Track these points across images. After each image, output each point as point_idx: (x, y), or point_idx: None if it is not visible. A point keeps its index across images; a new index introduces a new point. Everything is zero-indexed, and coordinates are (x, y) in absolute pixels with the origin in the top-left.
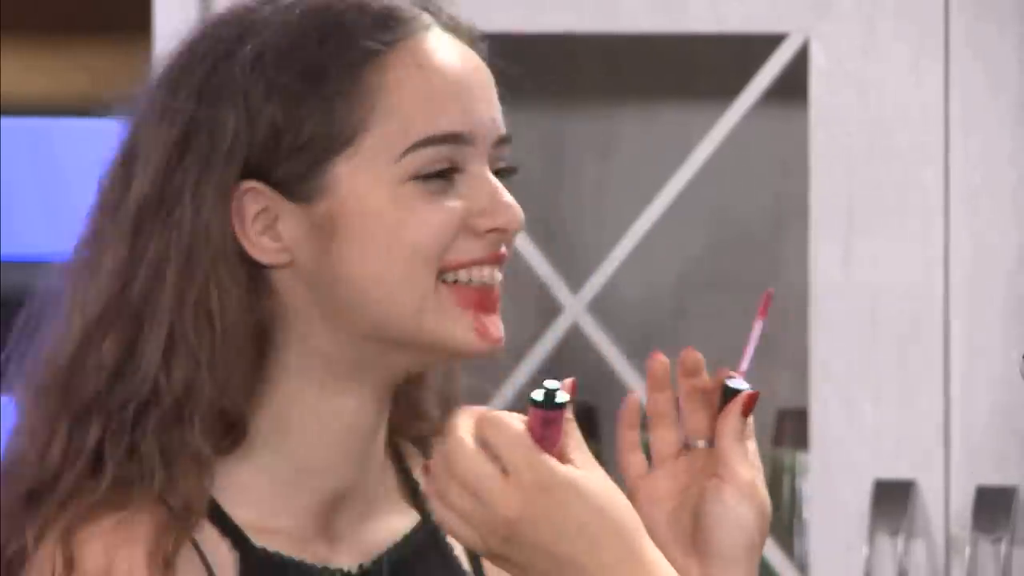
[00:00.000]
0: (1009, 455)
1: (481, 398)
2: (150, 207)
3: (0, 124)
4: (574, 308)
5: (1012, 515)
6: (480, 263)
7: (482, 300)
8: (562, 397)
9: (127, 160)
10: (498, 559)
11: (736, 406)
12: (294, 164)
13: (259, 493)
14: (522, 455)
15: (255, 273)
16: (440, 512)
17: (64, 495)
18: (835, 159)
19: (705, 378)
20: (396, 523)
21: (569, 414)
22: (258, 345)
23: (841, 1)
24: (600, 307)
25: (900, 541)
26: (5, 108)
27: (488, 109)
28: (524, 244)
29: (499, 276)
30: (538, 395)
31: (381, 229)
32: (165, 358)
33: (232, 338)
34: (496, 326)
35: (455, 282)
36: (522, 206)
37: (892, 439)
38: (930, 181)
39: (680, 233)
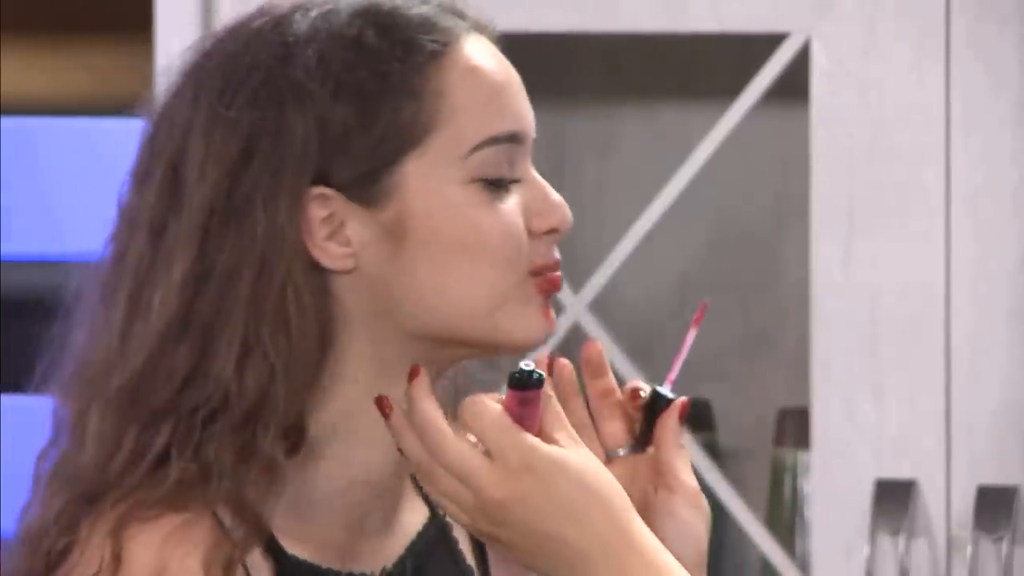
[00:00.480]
0: (1010, 455)
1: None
2: (218, 216)
3: (0, 124)
4: (575, 308)
5: (1013, 515)
6: (553, 269)
7: (555, 289)
8: (538, 375)
9: (172, 169)
10: (490, 539)
11: (673, 414)
12: (363, 166)
13: (295, 498)
14: (504, 437)
15: (319, 279)
16: (433, 495)
17: (122, 494)
18: (836, 159)
19: (611, 380)
20: (411, 519)
21: (549, 390)
22: (322, 348)
23: (842, 1)
24: (601, 307)
25: (901, 541)
26: (5, 108)
27: (529, 107)
28: None
29: None
30: (515, 376)
31: (455, 230)
32: (239, 366)
33: (305, 344)
34: (552, 312)
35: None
36: None
37: (893, 439)
38: (931, 181)
39: (681, 233)
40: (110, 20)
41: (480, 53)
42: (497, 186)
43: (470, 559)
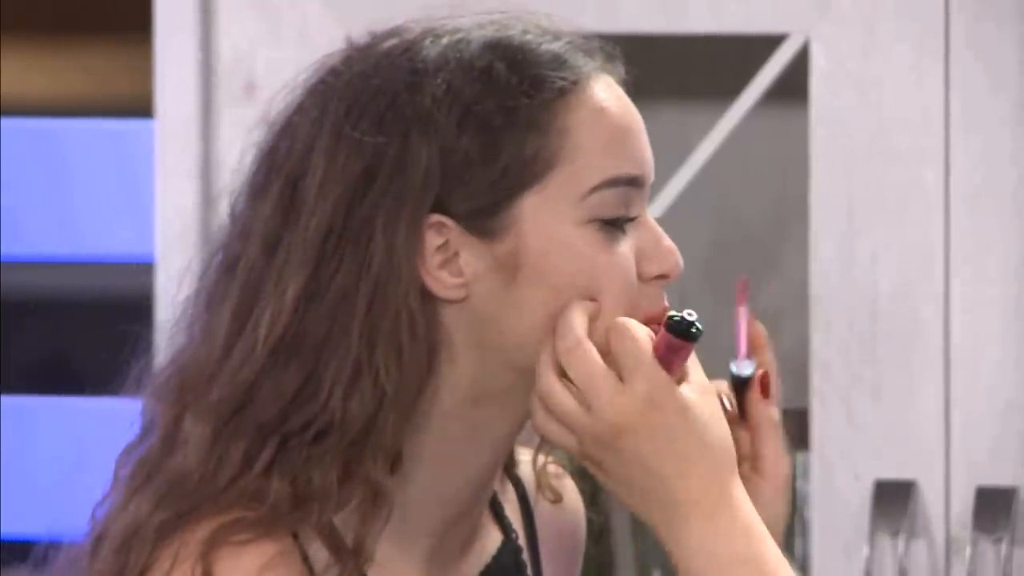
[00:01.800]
0: (1009, 455)
1: None
2: (335, 236)
3: (0, 124)
4: None
5: (1012, 515)
6: (660, 318)
7: None
8: (697, 329)
9: (291, 185)
10: (592, 464)
11: (756, 389)
12: (483, 198)
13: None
14: (641, 364)
15: (431, 306)
16: (540, 417)
17: (219, 509)
18: (835, 159)
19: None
20: (487, 544)
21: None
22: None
23: (841, 1)
24: None
25: (901, 541)
26: (5, 108)
27: (650, 153)
28: None
29: None
30: (673, 320)
31: (570, 269)
32: (349, 389)
33: (415, 371)
34: None
35: None
36: None
37: (892, 439)
38: (930, 181)
39: (681, 233)
40: (109, 20)
41: (607, 94)
42: (613, 228)
43: None
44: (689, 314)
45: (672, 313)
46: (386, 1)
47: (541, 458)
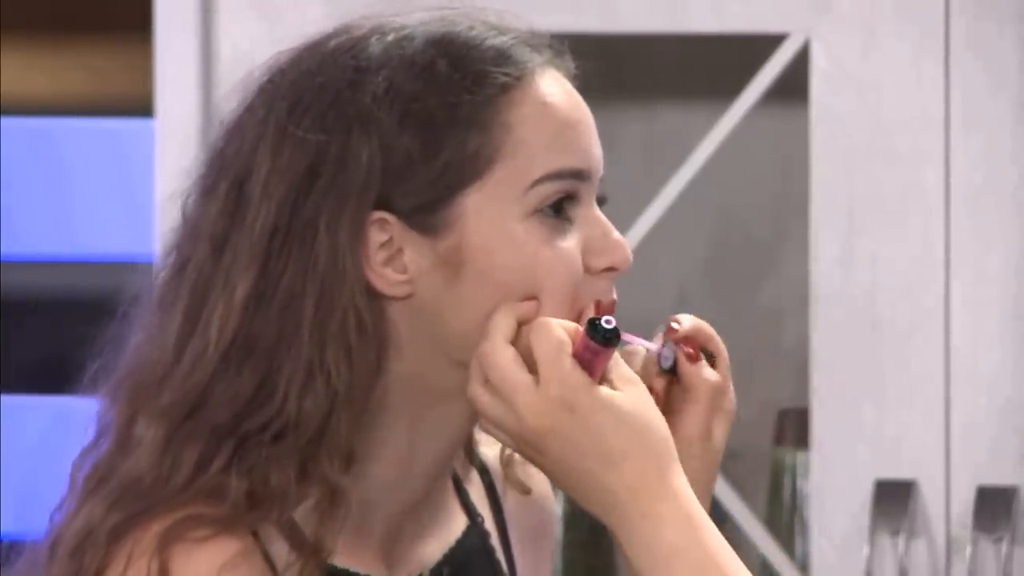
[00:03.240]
0: (1010, 455)
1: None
2: (280, 235)
3: (0, 124)
4: None
5: (1013, 515)
6: (608, 310)
7: None
8: (613, 336)
9: (237, 184)
10: (534, 464)
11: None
12: (424, 196)
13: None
14: (555, 366)
15: (377, 303)
16: (478, 412)
17: (171, 508)
18: (835, 159)
19: None
20: (449, 529)
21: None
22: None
23: (842, 2)
24: None
25: (901, 541)
26: (5, 108)
27: (598, 147)
28: None
29: None
30: (593, 324)
31: (512, 264)
32: (303, 390)
33: (365, 369)
34: None
35: None
36: None
37: (893, 439)
38: (930, 181)
39: (681, 233)
40: (109, 20)
41: (552, 88)
42: (558, 221)
43: (506, 568)
44: (607, 321)
45: (592, 317)
46: (385, 1)
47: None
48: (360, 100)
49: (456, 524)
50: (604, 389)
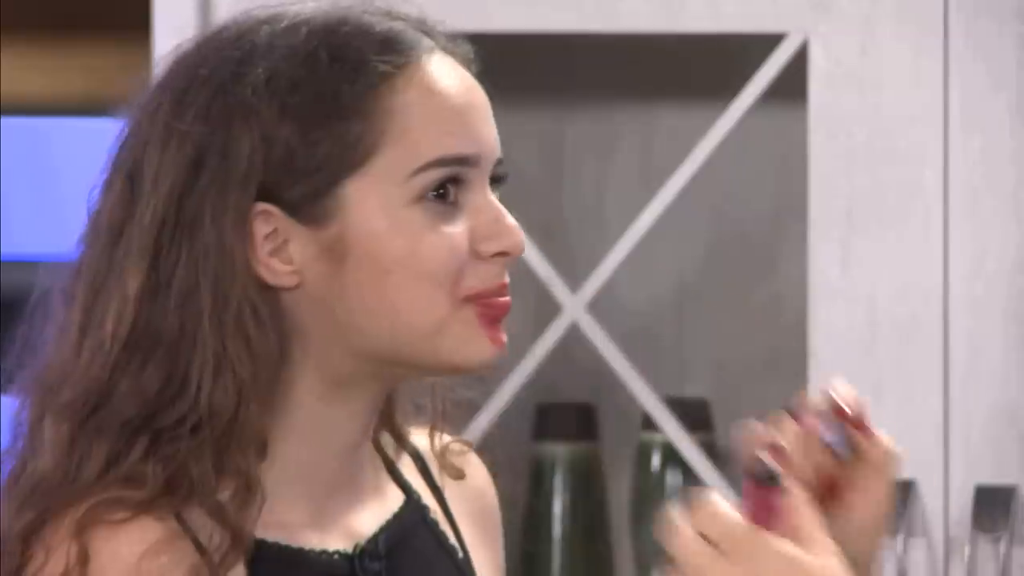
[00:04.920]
0: (1009, 455)
1: (479, 395)
2: (170, 229)
3: (0, 124)
4: (574, 308)
5: (1011, 514)
6: (495, 294)
7: (501, 313)
8: (774, 474)
9: (130, 178)
10: None
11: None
12: (306, 186)
13: (264, 482)
14: (740, 537)
15: (271, 294)
16: None
17: (90, 496)
18: (834, 159)
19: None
20: (385, 504)
21: (790, 485)
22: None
23: (840, 1)
24: (600, 307)
25: (900, 540)
26: (5, 108)
27: (490, 131)
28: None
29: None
30: (753, 471)
31: (392, 253)
32: (212, 383)
33: (268, 359)
34: (503, 333)
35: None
36: (522, 206)
37: (892, 439)
38: (930, 181)
39: (680, 233)
40: (109, 20)
41: (441, 74)
42: (444, 207)
43: (452, 539)
44: (760, 462)
45: (749, 461)
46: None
47: (440, 438)
48: (241, 91)
49: (392, 500)
50: (792, 547)
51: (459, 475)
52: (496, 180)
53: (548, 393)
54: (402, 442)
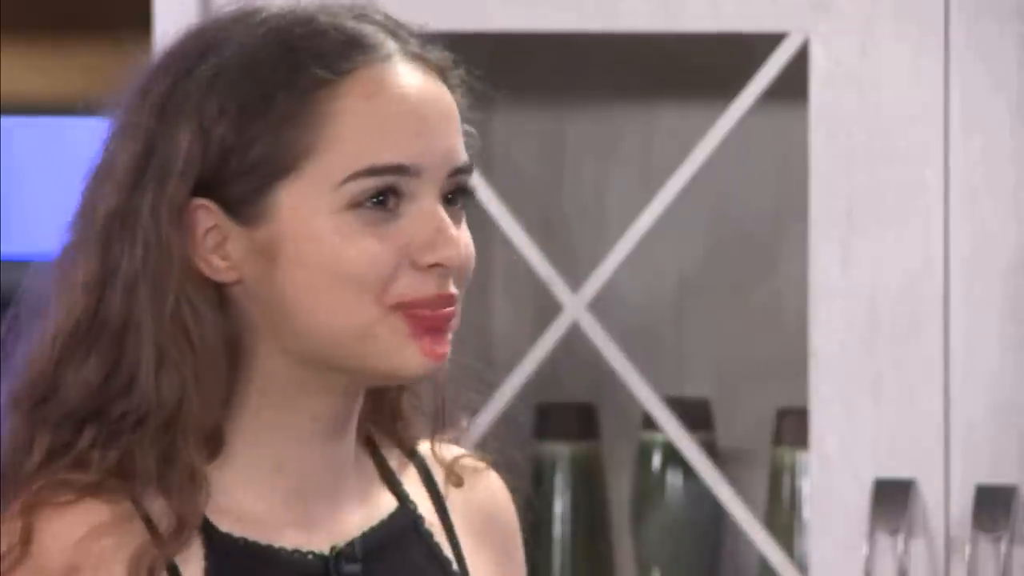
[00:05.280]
0: (1009, 454)
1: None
2: (115, 222)
3: (0, 124)
4: (574, 307)
5: (1012, 514)
6: (425, 304)
7: (436, 323)
8: None
9: (100, 171)
10: None
11: None
12: (240, 186)
13: (227, 486)
14: None
15: (219, 288)
16: None
17: (36, 480)
18: (835, 159)
19: None
20: (373, 509)
21: None
22: (230, 356)
23: (841, 1)
24: (600, 306)
25: (900, 540)
26: (5, 107)
27: (441, 141)
28: (524, 244)
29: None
30: None
31: (318, 258)
32: (156, 376)
33: (210, 353)
34: (443, 344)
35: (404, 304)
36: (522, 206)
37: (892, 438)
38: (930, 181)
39: (680, 233)
40: (110, 20)
41: (389, 82)
42: (379, 215)
43: (448, 551)
44: None
45: None
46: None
47: (447, 449)
48: (189, 87)
49: (382, 507)
50: None
51: (458, 482)
52: (460, 191)
53: (549, 393)
54: (405, 449)
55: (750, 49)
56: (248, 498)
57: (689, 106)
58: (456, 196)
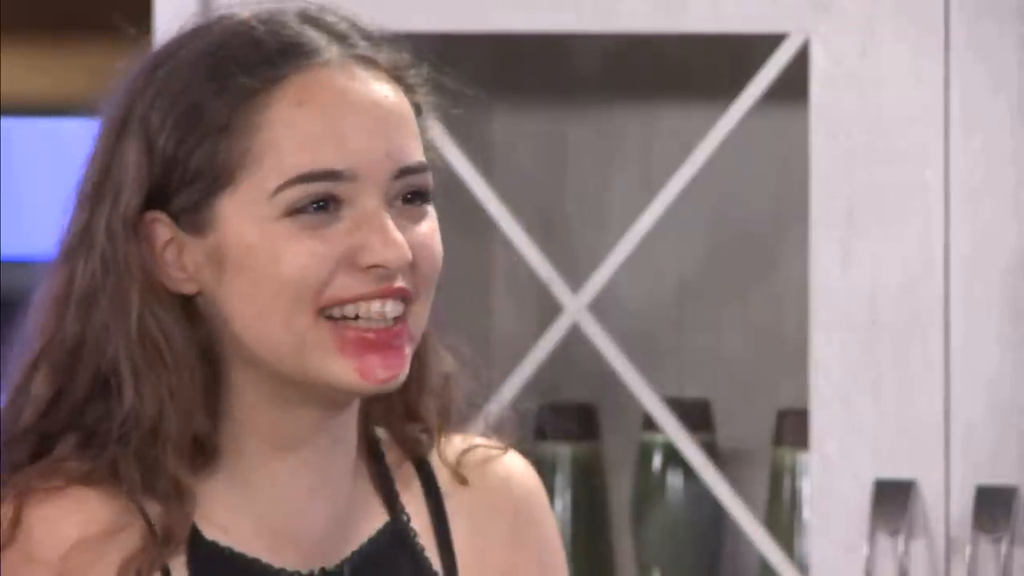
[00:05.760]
0: (1009, 455)
1: (479, 398)
2: (77, 241)
3: (0, 124)
4: (574, 308)
5: (1012, 515)
6: (363, 299)
7: (366, 339)
8: None
9: (75, 192)
10: None
11: None
12: (185, 197)
13: (215, 495)
14: None
15: (188, 300)
16: None
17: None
18: (835, 159)
19: None
20: (364, 525)
21: None
22: (210, 366)
23: (841, 1)
24: (600, 307)
25: (900, 541)
26: (5, 108)
27: (381, 143)
28: (524, 244)
29: (395, 311)
30: None
31: (256, 265)
32: (135, 390)
33: (183, 365)
34: (385, 364)
35: (342, 318)
36: (522, 206)
37: (892, 439)
38: (930, 181)
39: (680, 233)
40: (109, 21)
41: (322, 87)
42: (318, 219)
43: (437, 564)
44: None
45: None
46: (383, 2)
47: (454, 444)
48: (138, 104)
49: (373, 521)
50: None
51: (463, 481)
52: (416, 193)
53: (549, 393)
54: (412, 455)
55: (750, 50)
56: (235, 509)
57: (689, 107)
58: (414, 196)
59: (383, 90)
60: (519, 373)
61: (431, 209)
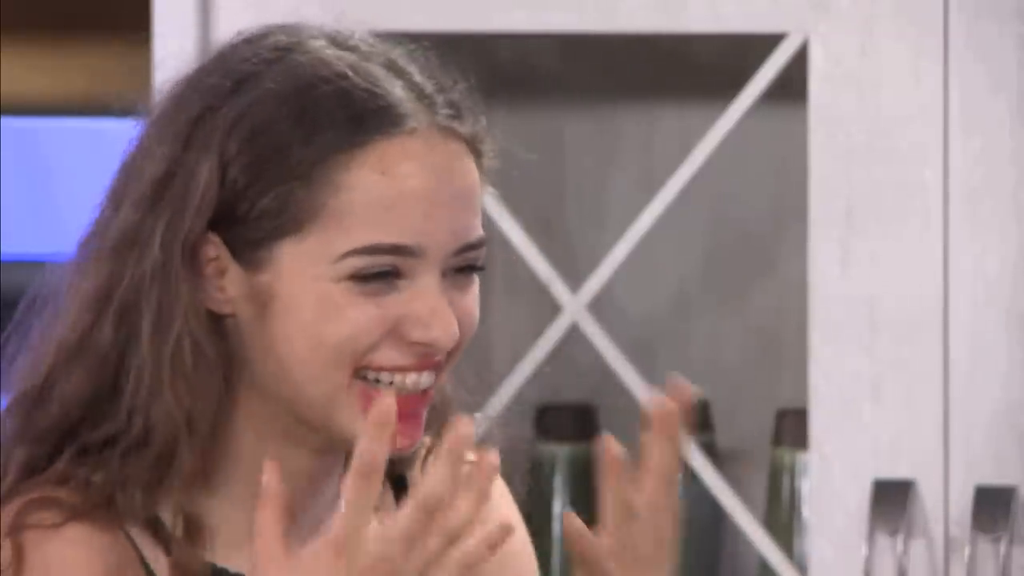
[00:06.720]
0: (1009, 455)
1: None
2: (126, 244)
3: (0, 124)
4: (574, 308)
5: (1011, 515)
6: (402, 370)
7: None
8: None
9: (119, 185)
10: None
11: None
12: (247, 231)
13: (210, 511)
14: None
15: (215, 321)
16: None
17: (23, 493)
18: (834, 159)
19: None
20: None
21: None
22: (226, 391)
23: (840, 1)
24: (599, 307)
25: (899, 541)
26: (5, 108)
27: (451, 221)
28: (524, 244)
29: (428, 382)
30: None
31: (306, 318)
32: (148, 408)
33: (206, 387)
34: (405, 433)
35: (375, 381)
36: (522, 206)
37: (892, 439)
38: (929, 181)
39: (679, 233)
40: (110, 20)
41: (405, 158)
42: (375, 287)
43: None
44: None
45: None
46: (383, 2)
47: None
48: (216, 123)
49: None
50: None
51: None
52: (470, 268)
53: (548, 393)
54: (413, 459)
55: (750, 49)
56: (230, 528)
57: (689, 106)
58: (467, 268)
59: (461, 167)
60: (518, 373)
61: (476, 276)
